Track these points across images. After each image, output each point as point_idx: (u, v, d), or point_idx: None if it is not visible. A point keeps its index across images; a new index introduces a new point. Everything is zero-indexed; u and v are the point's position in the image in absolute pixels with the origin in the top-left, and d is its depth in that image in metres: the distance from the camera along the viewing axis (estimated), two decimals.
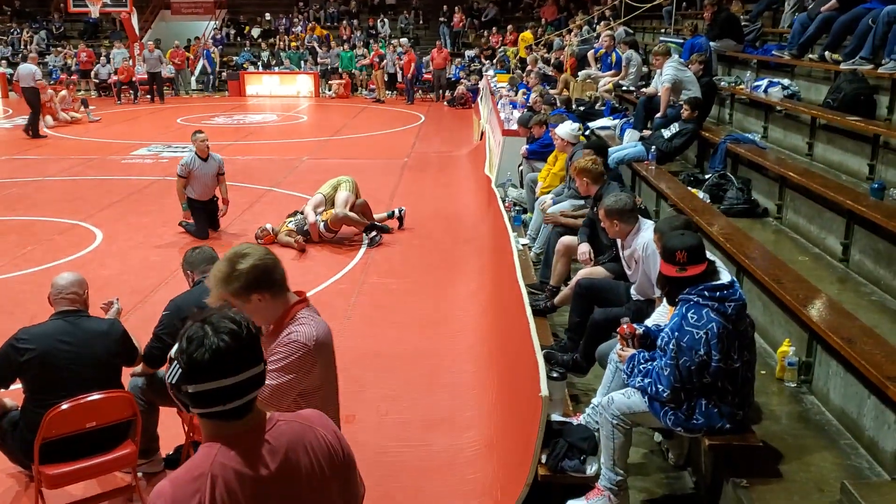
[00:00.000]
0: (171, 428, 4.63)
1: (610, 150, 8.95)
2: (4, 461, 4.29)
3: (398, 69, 24.48)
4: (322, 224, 9.12)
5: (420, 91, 25.08)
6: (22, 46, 28.62)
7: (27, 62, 18.46)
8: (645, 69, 12.20)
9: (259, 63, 27.23)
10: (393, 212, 9.99)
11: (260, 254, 2.84)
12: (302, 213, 9.34)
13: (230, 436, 1.91)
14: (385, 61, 24.69)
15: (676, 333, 3.60)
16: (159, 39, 26.27)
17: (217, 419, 1.90)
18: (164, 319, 4.32)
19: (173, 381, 1.87)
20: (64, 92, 19.56)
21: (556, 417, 4.15)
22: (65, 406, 3.74)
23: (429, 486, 4.49)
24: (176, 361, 1.87)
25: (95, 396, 3.84)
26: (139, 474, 4.30)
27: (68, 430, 3.77)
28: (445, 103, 23.35)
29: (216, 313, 1.93)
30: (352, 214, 9.21)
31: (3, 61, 27.43)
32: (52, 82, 25.34)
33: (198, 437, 4.29)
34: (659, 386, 3.62)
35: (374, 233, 9.25)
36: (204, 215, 9.42)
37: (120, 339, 4.14)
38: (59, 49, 27.79)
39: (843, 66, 7.06)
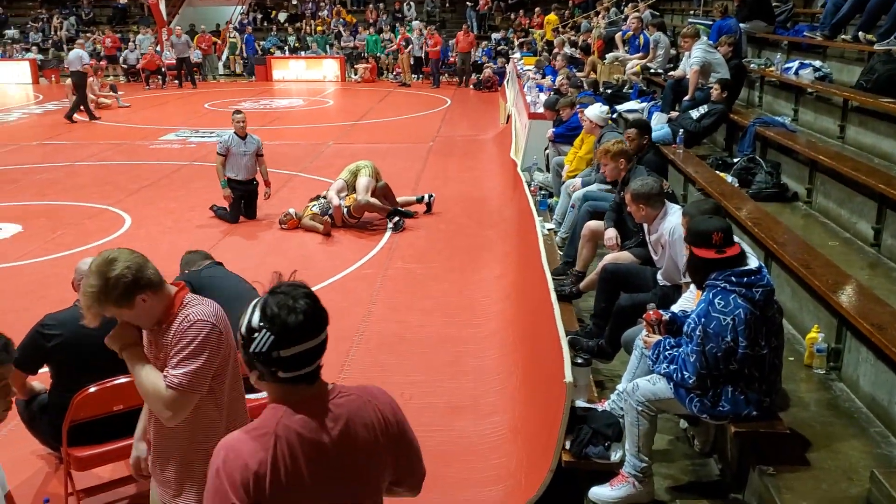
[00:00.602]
0: None
1: None
2: (35, 443, 4.36)
3: (424, 53, 24.40)
4: (345, 209, 9.14)
5: (446, 75, 24.99)
6: (52, 33, 28.93)
7: (76, 47, 18.72)
8: (673, 51, 12.04)
9: (286, 48, 27.28)
10: (422, 197, 9.97)
11: (126, 255, 2.72)
12: (325, 196, 9.36)
13: (298, 401, 1.99)
14: (411, 45, 24.61)
15: (703, 319, 3.55)
16: (192, 25, 26.43)
17: (294, 384, 1.98)
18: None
19: (263, 349, 1.92)
20: (92, 78, 19.74)
21: (580, 403, 4.13)
22: (92, 389, 3.79)
23: (452, 471, 4.50)
24: (264, 331, 1.92)
25: (122, 380, 3.86)
26: None
27: (96, 413, 3.82)
28: (472, 87, 23.24)
29: (282, 283, 2.01)
30: (373, 200, 9.21)
31: (34, 47, 27.77)
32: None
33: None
34: (685, 372, 3.59)
35: (396, 218, 9.25)
36: (238, 195, 9.48)
37: None
38: (87, 35, 28.03)
39: (877, 47, 6.90)
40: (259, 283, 2.07)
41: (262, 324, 1.93)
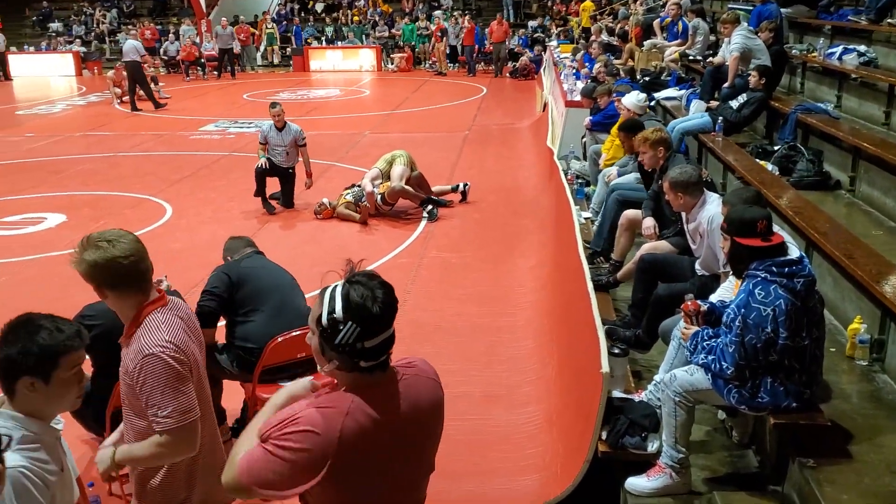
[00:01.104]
0: (233, 402, 4.75)
1: (675, 121, 8.78)
2: (79, 428, 4.45)
3: (459, 41, 24.33)
4: (379, 196, 9.17)
5: (482, 63, 24.90)
6: (95, 26, 29.38)
7: (130, 38, 19.08)
8: (712, 38, 11.85)
9: (323, 38, 27.39)
10: (457, 185, 9.97)
11: (134, 240, 2.75)
12: (359, 185, 9.41)
13: (371, 386, 2.04)
14: (447, 34, 24.56)
15: (743, 310, 3.51)
16: (237, 16, 26.66)
17: (371, 372, 2.02)
18: (212, 279, 4.55)
19: (350, 341, 1.94)
20: (111, 72, 20.02)
21: (617, 394, 4.11)
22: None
23: (487, 461, 4.51)
24: (350, 323, 1.94)
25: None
26: None
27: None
28: (507, 75, 23.12)
29: (356, 273, 2.05)
30: (408, 188, 9.23)
31: (77, 40, 28.23)
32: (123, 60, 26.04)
33: (261, 407, 4.40)
34: (723, 363, 3.55)
35: (430, 206, 9.25)
36: (270, 170, 9.56)
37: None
38: (128, 27, 28.39)
39: None
40: (333, 271, 2.08)
41: (346, 315, 1.95)
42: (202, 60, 24.67)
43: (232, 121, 16.44)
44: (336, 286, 2.01)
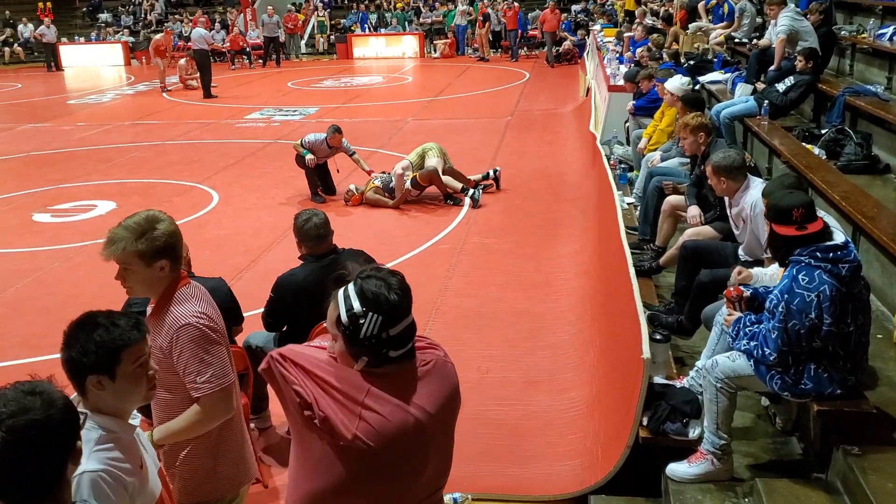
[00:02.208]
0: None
1: (720, 105, 8.66)
2: None
3: (502, 26, 24.17)
4: (409, 181, 9.19)
5: (526, 48, 24.74)
6: (143, 16, 29.87)
7: (198, 27, 19.45)
8: (759, 20, 11.63)
9: (366, 25, 27.48)
10: (488, 173, 9.90)
11: (171, 222, 2.82)
12: (387, 173, 9.45)
13: (403, 372, 2.05)
14: (490, 20, 24.43)
15: (786, 296, 3.47)
16: (292, 3, 26.86)
17: (401, 362, 2.02)
18: (270, 301, 4.51)
19: (374, 332, 1.94)
20: (183, 60, 20.33)
21: (658, 380, 4.10)
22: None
23: (528, 445, 4.54)
24: (370, 314, 1.94)
25: None
26: (251, 425, 4.52)
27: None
28: (546, 61, 22.72)
29: (364, 270, 2.05)
30: (439, 174, 9.29)
31: (125, 30, 28.74)
32: (172, 49, 26.44)
33: None
34: (765, 349, 3.52)
35: (472, 190, 9.25)
36: (314, 171, 9.66)
37: (227, 296, 4.30)
38: (176, 17, 28.82)
39: None
40: (344, 270, 2.08)
41: (365, 308, 1.95)
42: (247, 49, 24.93)
43: (277, 108, 16.61)
44: (348, 286, 2.00)
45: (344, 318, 1.96)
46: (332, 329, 2.02)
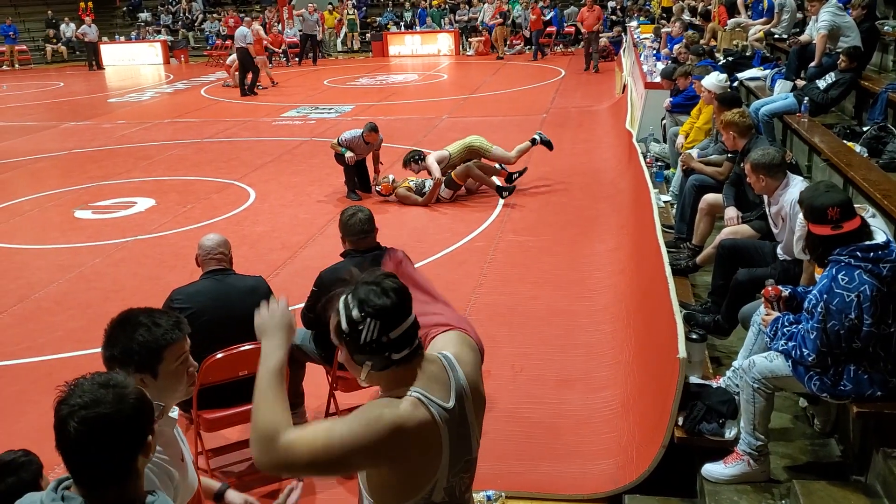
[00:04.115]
0: (313, 386, 4.90)
1: (759, 101, 8.55)
2: None
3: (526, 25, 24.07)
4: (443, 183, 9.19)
5: (560, 45, 24.59)
6: (182, 14, 30.25)
7: (243, 25, 19.74)
8: (799, 15, 11.46)
9: (402, 23, 27.55)
10: (535, 139, 9.89)
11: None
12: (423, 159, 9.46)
13: (412, 371, 2.04)
14: (508, 17, 24.30)
15: (825, 296, 3.43)
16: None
17: (408, 362, 2.02)
18: (313, 294, 4.53)
19: (374, 336, 1.96)
20: (231, 59, 20.57)
21: (694, 380, 4.07)
22: (219, 355, 4.00)
23: (562, 443, 4.53)
24: (368, 320, 1.96)
25: (247, 346, 4.08)
26: None
27: (223, 378, 4.03)
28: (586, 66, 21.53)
29: (360, 275, 2.05)
30: (476, 171, 9.33)
31: (164, 29, 29.13)
32: (208, 48, 26.77)
33: (341, 388, 4.51)
34: (804, 350, 3.48)
35: (504, 192, 9.27)
36: (352, 169, 9.71)
37: (268, 294, 4.34)
38: (214, 16, 29.14)
39: None
40: (347, 276, 2.09)
41: (362, 315, 1.97)
42: (284, 47, 25.12)
43: (313, 107, 16.72)
44: (345, 295, 2.02)
45: (344, 325, 1.99)
46: (334, 339, 2.05)
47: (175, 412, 2.45)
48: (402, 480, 1.99)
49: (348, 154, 9.48)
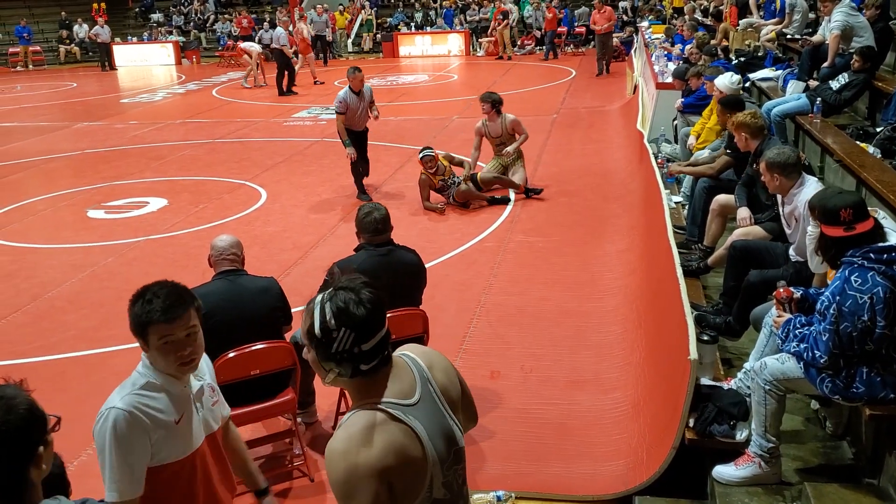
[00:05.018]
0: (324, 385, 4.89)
1: (771, 102, 8.52)
2: None
3: (539, 25, 24.00)
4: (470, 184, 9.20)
5: (571, 46, 24.55)
6: (195, 15, 30.37)
7: (279, 26, 19.96)
8: (812, 15, 11.40)
9: (412, 24, 27.56)
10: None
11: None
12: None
13: (379, 383, 2.02)
14: (511, 18, 24.27)
15: (838, 298, 3.42)
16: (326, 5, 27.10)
17: (375, 372, 2.00)
18: (326, 284, 4.49)
19: (346, 348, 1.94)
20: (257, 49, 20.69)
21: (705, 381, 4.06)
22: (231, 354, 4.02)
23: (572, 445, 4.53)
24: (343, 330, 1.94)
25: (259, 346, 4.10)
26: (298, 420, 4.59)
27: (235, 377, 4.04)
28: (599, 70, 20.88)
29: (338, 279, 2.05)
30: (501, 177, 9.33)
31: (176, 30, 29.25)
32: (219, 48, 26.85)
33: None
34: (816, 352, 3.47)
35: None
36: (357, 146, 9.63)
37: (279, 295, 4.37)
38: (225, 17, 29.23)
39: None
40: (329, 277, 2.10)
41: (338, 323, 1.95)
42: (294, 48, 25.15)
43: (324, 107, 16.74)
44: (321, 296, 2.00)
45: (317, 330, 1.97)
46: (304, 339, 2.03)
47: (202, 381, 2.68)
48: (401, 493, 1.96)
49: (348, 150, 9.43)
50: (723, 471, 3.73)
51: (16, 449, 1.73)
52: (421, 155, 9.13)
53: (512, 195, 9.39)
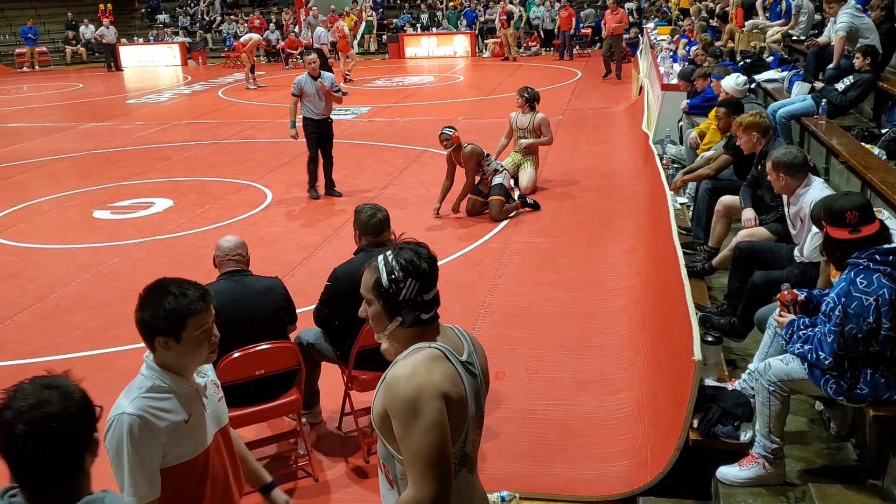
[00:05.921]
0: (329, 385, 4.92)
1: (777, 103, 8.51)
2: None
3: (556, 25, 23.98)
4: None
5: (577, 47, 24.56)
6: (200, 17, 30.46)
7: (320, 26, 20.04)
8: (817, 17, 11.39)
9: (418, 25, 27.60)
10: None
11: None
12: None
13: (435, 331, 2.24)
14: (513, 18, 24.30)
15: (843, 299, 3.42)
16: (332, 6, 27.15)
17: (430, 324, 2.22)
18: (327, 290, 4.53)
19: (412, 296, 2.16)
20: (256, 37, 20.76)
21: (709, 382, 4.06)
22: (236, 355, 4.03)
23: (577, 446, 4.53)
24: (409, 280, 2.16)
25: (264, 346, 4.11)
26: (303, 420, 4.60)
27: (240, 377, 4.06)
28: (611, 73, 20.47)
29: (398, 243, 2.25)
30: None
31: (182, 31, 29.33)
32: (225, 49, 26.91)
33: (356, 388, 4.53)
34: (820, 353, 3.47)
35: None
36: (315, 136, 9.75)
37: (284, 294, 4.39)
38: (231, 17, 29.31)
39: None
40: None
41: (405, 274, 2.16)
42: (301, 50, 25.22)
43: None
44: (386, 254, 2.20)
45: (385, 282, 2.17)
46: (367, 294, 2.22)
47: (206, 378, 2.64)
48: (451, 426, 2.12)
49: (291, 132, 9.82)
50: (727, 471, 3.73)
51: (76, 435, 1.80)
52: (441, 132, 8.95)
53: (515, 195, 9.38)
